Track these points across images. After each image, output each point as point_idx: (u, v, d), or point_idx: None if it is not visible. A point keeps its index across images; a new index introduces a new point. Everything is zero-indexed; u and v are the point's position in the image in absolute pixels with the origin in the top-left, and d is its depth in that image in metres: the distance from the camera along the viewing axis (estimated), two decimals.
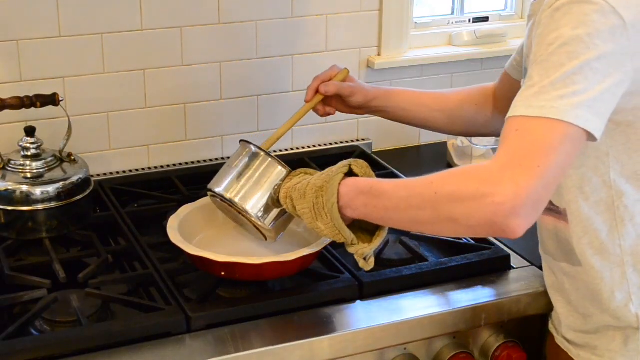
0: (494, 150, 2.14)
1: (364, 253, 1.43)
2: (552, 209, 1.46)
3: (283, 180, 1.52)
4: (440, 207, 1.26)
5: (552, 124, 1.21)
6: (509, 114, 1.26)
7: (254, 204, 1.52)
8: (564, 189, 1.40)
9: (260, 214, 1.52)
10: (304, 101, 1.72)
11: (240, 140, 1.60)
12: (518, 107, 1.25)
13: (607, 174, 1.37)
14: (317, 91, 1.71)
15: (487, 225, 1.22)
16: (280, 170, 1.53)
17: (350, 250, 1.45)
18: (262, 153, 1.55)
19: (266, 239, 1.58)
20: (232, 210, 1.56)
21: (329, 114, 1.76)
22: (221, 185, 1.55)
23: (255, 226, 1.55)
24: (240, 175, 1.54)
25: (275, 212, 1.53)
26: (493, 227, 1.21)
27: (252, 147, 1.56)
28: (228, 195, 1.53)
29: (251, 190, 1.53)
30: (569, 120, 1.21)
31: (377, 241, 1.44)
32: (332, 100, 1.74)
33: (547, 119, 1.21)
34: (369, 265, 1.45)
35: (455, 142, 2.20)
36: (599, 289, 1.43)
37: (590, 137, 1.24)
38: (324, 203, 1.40)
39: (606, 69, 1.23)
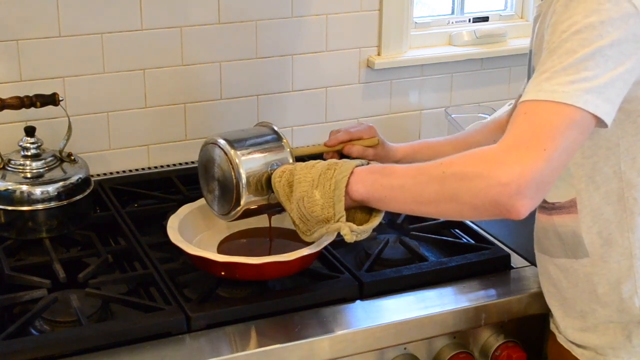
0: None
1: (351, 228, 1.39)
2: (546, 207, 1.46)
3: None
4: (445, 185, 1.27)
5: (561, 108, 1.22)
6: (521, 99, 1.27)
7: (249, 169, 1.50)
8: (575, 178, 1.41)
9: (246, 182, 1.50)
10: (323, 144, 1.69)
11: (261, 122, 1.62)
12: (529, 92, 1.26)
13: (617, 164, 1.38)
14: (340, 142, 1.68)
15: (492, 205, 1.23)
16: (286, 158, 1.53)
17: (335, 226, 1.40)
18: (283, 138, 1.55)
19: (229, 212, 1.54)
20: (214, 171, 1.54)
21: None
22: (228, 138, 1.53)
23: (232, 193, 1.51)
24: (251, 141, 1.53)
25: (256, 189, 1.51)
26: (498, 207, 1.22)
27: (274, 127, 1.57)
28: (231, 150, 1.51)
29: (254, 158, 1.52)
30: (578, 105, 1.22)
31: (367, 226, 1.42)
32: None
33: (556, 102, 1.22)
34: (352, 238, 1.41)
35: None
36: (604, 280, 1.43)
37: (601, 122, 1.25)
38: (333, 174, 1.40)
39: (618, 56, 1.24)
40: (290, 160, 1.54)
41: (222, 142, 1.53)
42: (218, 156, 1.54)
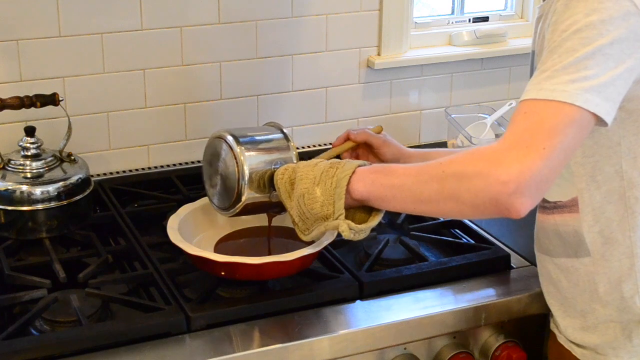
0: None
1: (349, 226, 1.39)
2: (547, 207, 1.47)
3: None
4: (446, 184, 1.28)
5: (561, 107, 1.23)
6: (521, 98, 1.27)
7: (253, 166, 1.51)
8: (576, 177, 1.41)
9: (248, 179, 1.50)
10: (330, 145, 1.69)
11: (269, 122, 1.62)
12: (529, 91, 1.26)
13: (618, 163, 1.38)
14: (346, 139, 1.67)
15: (491, 203, 1.23)
16: (290, 158, 1.54)
17: (333, 223, 1.40)
18: (290, 140, 1.56)
19: (229, 207, 1.55)
20: (218, 165, 1.54)
21: None
22: (235, 134, 1.54)
23: (234, 188, 1.52)
24: (257, 139, 1.55)
25: (258, 186, 1.51)
26: (497, 205, 1.23)
27: (282, 128, 1.58)
28: (237, 146, 1.51)
29: (259, 155, 1.52)
30: (578, 104, 1.22)
31: (365, 225, 1.41)
32: (365, 153, 1.69)
33: (556, 101, 1.23)
34: (349, 235, 1.41)
35: (455, 142, 2.20)
36: (605, 279, 1.43)
37: (601, 121, 1.25)
38: (335, 172, 1.40)
39: (619, 55, 1.24)
40: (295, 161, 1.54)
41: (228, 137, 1.54)
42: (224, 151, 1.54)
